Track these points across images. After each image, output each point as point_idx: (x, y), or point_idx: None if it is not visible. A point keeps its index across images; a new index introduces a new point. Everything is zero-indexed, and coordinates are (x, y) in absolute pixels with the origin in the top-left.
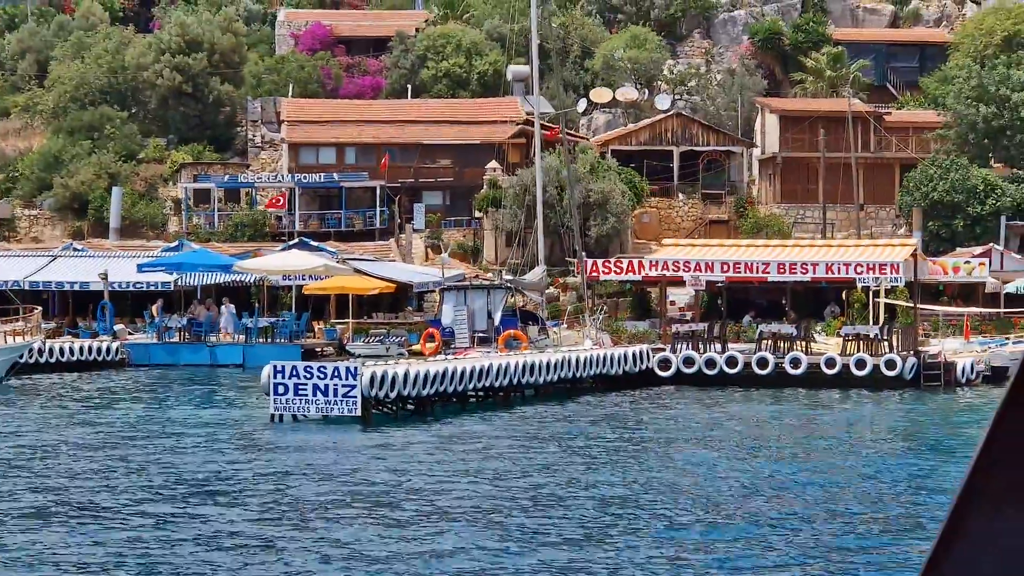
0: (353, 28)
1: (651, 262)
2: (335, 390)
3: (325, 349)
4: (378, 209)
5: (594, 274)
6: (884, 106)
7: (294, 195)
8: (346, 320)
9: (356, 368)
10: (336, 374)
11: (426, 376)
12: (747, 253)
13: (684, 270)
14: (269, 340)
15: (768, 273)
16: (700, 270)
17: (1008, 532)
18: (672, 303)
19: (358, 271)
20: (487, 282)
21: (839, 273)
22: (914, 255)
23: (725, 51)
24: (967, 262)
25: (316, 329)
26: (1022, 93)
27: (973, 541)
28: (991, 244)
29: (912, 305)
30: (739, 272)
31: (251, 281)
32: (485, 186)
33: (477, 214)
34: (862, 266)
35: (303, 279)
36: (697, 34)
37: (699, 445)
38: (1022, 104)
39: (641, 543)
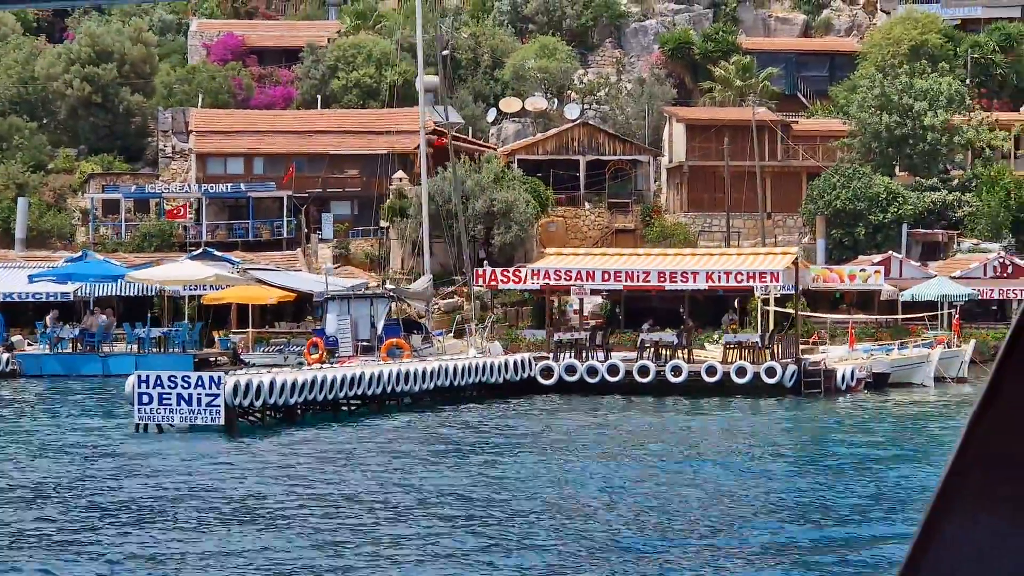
0: (265, 38)
1: (532, 271)
2: (199, 399)
3: (219, 359)
4: (285, 219)
5: (493, 283)
6: (794, 115)
7: (202, 205)
8: (246, 330)
9: (219, 377)
10: (200, 383)
11: (293, 385)
12: (630, 262)
13: (565, 279)
14: (162, 350)
15: (648, 281)
16: (581, 279)
17: (985, 535)
18: (576, 311)
19: (259, 281)
20: (370, 291)
21: (719, 282)
22: (795, 263)
23: (636, 60)
24: (863, 270)
25: (217, 339)
26: (924, 102)
27: (949, 544)
28: (890, 252)
29: (803, 313)
30: (620, 281)
31: (153, 292)
32: (391, 196)
33: (384, 224)
34: (742, 275)
35: (204, 289)
36: (608, 43)
37: (545, 451)
38: (924, 113)
39: (474, 544)
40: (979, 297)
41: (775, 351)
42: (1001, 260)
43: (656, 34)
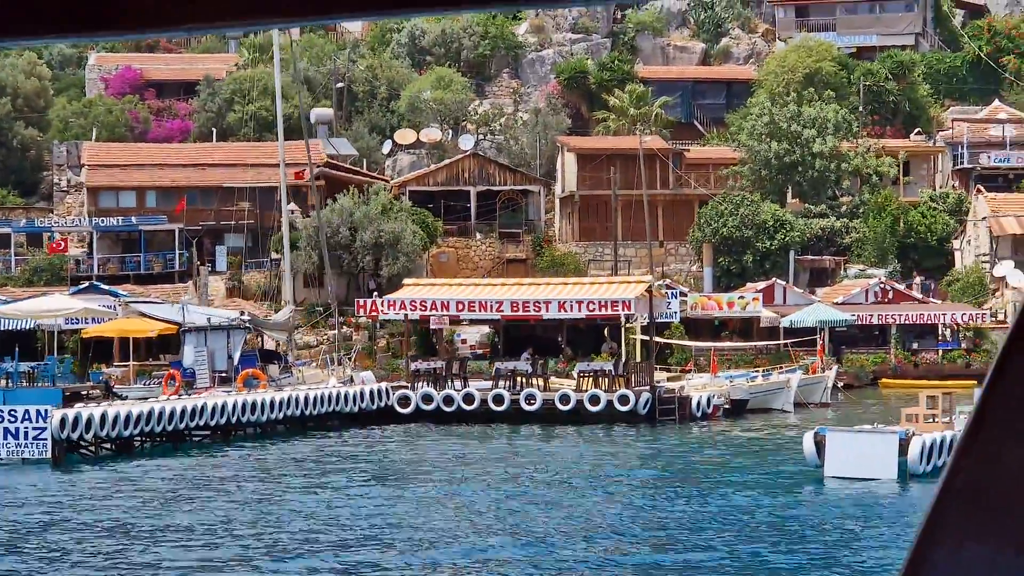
0: (164, 72)
1: (388, 302)
2: (26, 432)
3: (91, 392)
4: (177, 252)
5: (374, 313)
6: (690, 143)
7: (93, 239)
8: (128, 363)
9: (46, 411)
10: (27, 417)
11: (128, 417)
12: (485, 292)
13: (420, 309)
14: (32, 384)
15: (502, 311)
16: (436, 309)
17: (974, 563)
18: (464, 341)
19: (142, 314)
20: (226, 323)
21: (572, 311)
22: (648, 291)
23: (533, 90)
24: (742, 297)
25: (105, 372)
26: (812, 130)
27: (939, 573)
28: (774, 279)
29: (679, 341)
30: (474, 311)
31: (33, 326)
32: (280, 227)
33: (275, 255)
34: (594, 304)
35: (86, 323)
36: (506, 74)
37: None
38: (813, 140)
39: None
40: (857, 323)
41: (629, 379)
42: (882, 286)
43: (553, 64)
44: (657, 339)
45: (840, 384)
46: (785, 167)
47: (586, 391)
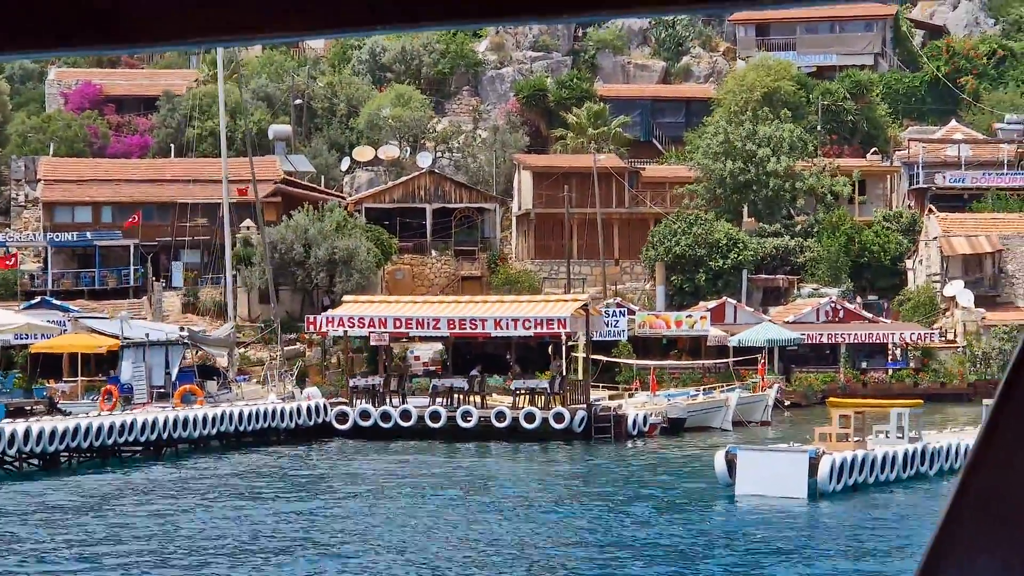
0: (124, 87)
1: (327, 318)
2: None
3: (35, 407)
4: (132, 267)
5: (324, 329)
6: (649, 161)
7: (48, 254)
8: (76, 378)
9: None
10: None
11: (52, 433)
12: (424, 309)
13: (359, 326)
14: None
15: (439, 329)
16: (375, 326)
17: None
18: (416, 358)
19: (92, 330)
20: (165, 339)
21: (507, 329)
22: (585, 310)
23: (493, 108)
24: (689, 316)
25: (50, 387)
26: (767, 148)
27: None
28: (725, 298)
29: (625, 360)
30: (411, 328)
31: None
32: (238, 244)
33: (231, 272)
34: (529, 322)
35: (36, 338)
36: (466, 91)
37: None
38: (767, 159)
39: None
40: (806, 342)
41: (566, 397)
42: (833, 305)
43: (513, 82)
44: (601, 357)
45: (787, 403)
46: (740, 186)
47: (522, 408)
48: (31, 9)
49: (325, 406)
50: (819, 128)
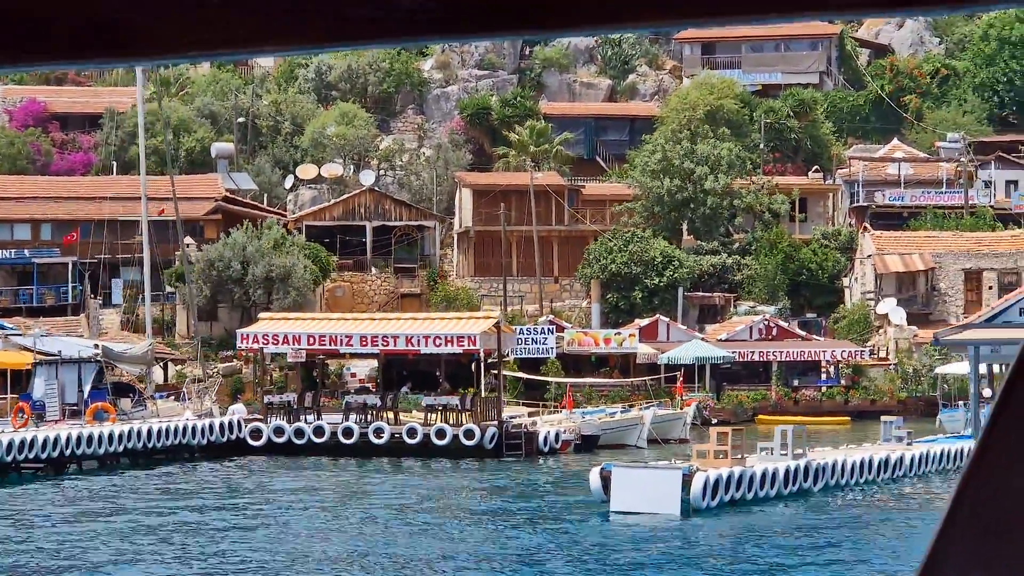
0: (69, 105)
1: (242, 335)
2: None
3: None
4: (70, 285)
5: (256, 346)
6: (593, 179)
7: None
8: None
9: None
10: None
11: None
12: (336, 326)
13: (273, 343)
14: None
15: (352, 345)
16: (288, 343)
17: None
18: (353, 375)
19: (23, 347)
20: (78, 356)
21: (418, 345)
22: (496, 327)
23: (438, 126)
24: (618, 333)
25: None
26: (705, 167)
27: None
28: (658, 316)
29: (555, 378)
30: (324, 344)
31: None
32: (177, 261)
33: (170, 289)
34: (440, 339)
35: None
36: (411, 110)
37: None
38: (705, 177)
39: None
40: (735, 359)
41: (478, 413)
42: (766, 323)
43: (458, 100)
44: (518, 375)
45: (714, 420)
46: (678, 204)
47: (433, 425)
48: (35, 23)
49: (240, 423)
50: (762, 146)
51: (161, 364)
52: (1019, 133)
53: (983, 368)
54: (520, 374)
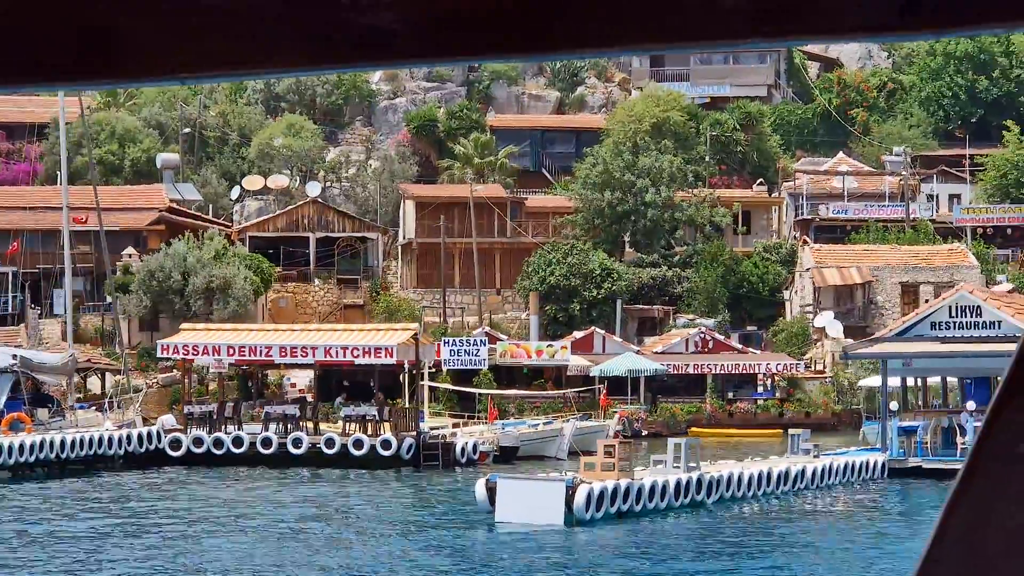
0: (14, 113)
1: (162, 346)
2: None
3: None
4: (10, 295)
5: (176, 356)
6: (539, 191)
7: None
8: None
9: None
10: None
11: None
12: (259, 337)
13: (193, 353)
14: None
15: (271, 357)
16: (209, 353)
17: None
18: (293, 385)
19: None
20: None
21: (337, 356)
22: (414, 339)
23: (386, 138)
24: (550, 345)
25: None
26: (647, 179)
27: None
28: (593, 328)
29: (485, 390)
30: (255, 355)
31: None
32: (119, 271)
33: (110, 299)
34: (357, 350)
35: None
36: (359, 122)
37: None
38: (646, 190)
39: None
40: (672, 372)
41: (397, 424)
42: (702, 336)
43: (406, 112)
44: (443, 386)
45: (645, 432)
46: (618, 216)
47: (351, 435)
48: (22, 43)
49: (159, 433)
50: (708, 159)
51: (98, 374)
52: (963, 147)
53: (897, 381)
54: (439, 384)
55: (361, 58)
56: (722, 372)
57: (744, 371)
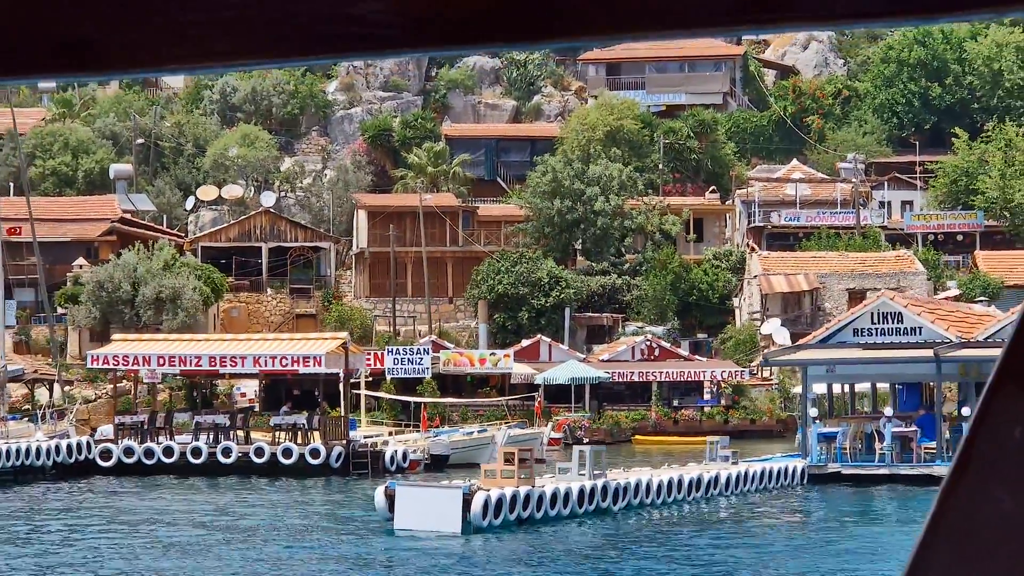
0: None
1: (92, 356)
2: None
3: None
4: None
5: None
6: (494, 200)
7: None
8: None
9: None
10: None
11: None
12: (187, 347)
13: (124, 364)
14: None
15: (200, 365)
16: (139, 363)
17: None
18: (243, 394)
19: None
20: None
21: (267, 366)
22: (343, 347)
23: (341, 148)
24: (493, 354)
25: None
26: (596, 187)
27: None
28: (539, 336)
29: (430, 399)
30: (198, 365)
31: None
32: (69, 282)
33: (61, 310)
34: (287, 359)
35: None
36: (315, 131)
37: None
38: (596, 198)
39: None
40: (616, 379)
41: (324, 433)
42: (648, 343)
43: (362, 122)
44: (377, 394)
45: (586, 440)
46: (568, 225)
47: (280, 444)
48: (14, 38)
49: (89, 443)
50: (661, 167)
51: (46, 385)
52: (916, 154)
53: (823, 388)
54: (374, 393)
55: (355, 48)
56: (668, 380)
57: (690, 379)
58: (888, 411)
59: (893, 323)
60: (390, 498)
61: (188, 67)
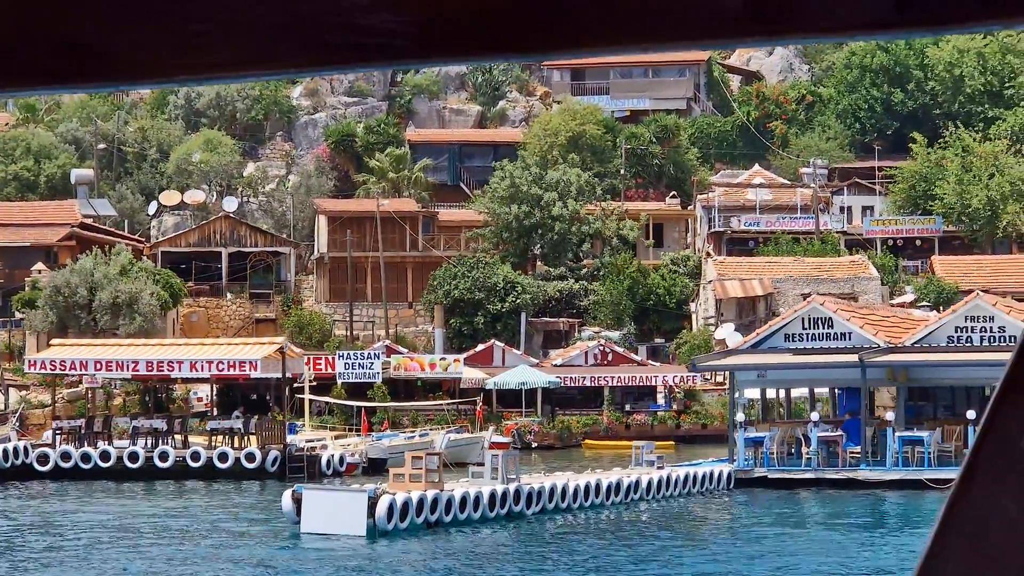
0: None
1: (30, 361)
2: None
3: None
4: None
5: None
6: (457, 205)
7: None
8: None
9: None
10: None
11: None
12: (126, 351)
13: (61, 368)
14: None
15: (138, 370)
16: (75, 368)
17: None
18: (200, 399)
19: None
20: None
21: (202, 371)
22: (280, 352)
23: (306, 153)
24: (443, 359)
25: None
26: (554, 193)
27: None
28: (493, 341)
29: (382, 404)
30: (122, 370)
31: None
32: (27, 287)
33: (19, 315)
34: (223, 364)
35: None
36: (280, 137)
37: None
38: (553, 203)
39: None
40: (568, 384)
41: (261, 437)
42: (601, 348)
43: (325, 127)
44: (324, 399)
45: (535, 444)
46: (526, 230)
47: (216, 449)
48: (7, 47)
49: (27, 448)
50: (623, 172)
51: (2, 390)
52: (878, 159)
53: (756, 393)
54: (318, 398)
55: (361, 59)
56: (620, 384)
57: (642, 383)
58: (815, 416)
59: (823, 328)
60: (297, 502)
61: (197, 77)
